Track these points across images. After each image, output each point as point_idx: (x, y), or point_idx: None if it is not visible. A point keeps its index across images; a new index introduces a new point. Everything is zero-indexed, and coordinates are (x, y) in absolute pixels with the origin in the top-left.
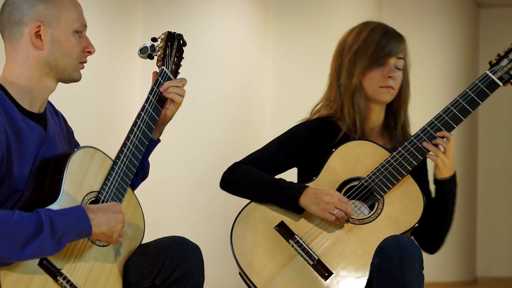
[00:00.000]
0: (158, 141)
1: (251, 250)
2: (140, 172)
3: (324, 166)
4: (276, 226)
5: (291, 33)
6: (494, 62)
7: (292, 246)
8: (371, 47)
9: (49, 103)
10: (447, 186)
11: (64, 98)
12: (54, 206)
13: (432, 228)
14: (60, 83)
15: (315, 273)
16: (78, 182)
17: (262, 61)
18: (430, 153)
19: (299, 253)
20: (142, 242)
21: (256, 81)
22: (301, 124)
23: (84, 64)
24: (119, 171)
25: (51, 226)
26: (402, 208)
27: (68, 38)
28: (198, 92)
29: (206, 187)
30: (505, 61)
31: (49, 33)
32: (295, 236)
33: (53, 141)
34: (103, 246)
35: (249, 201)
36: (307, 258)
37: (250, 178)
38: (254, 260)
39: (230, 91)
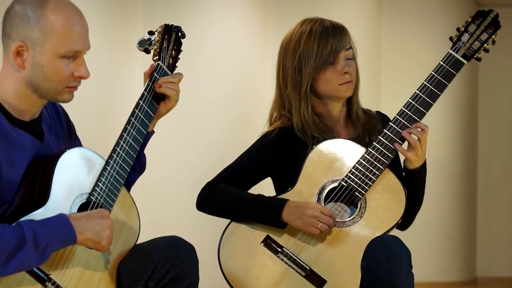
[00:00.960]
0: (152, 132)
1: (241, 270)
2: (137, 166)
3: (300, 174)
4: (262, 242)
5: None
6: (455, 39)
7: (282, 259)
8: (314, 51)
9: (47, 105)
10: (417, 175)
11: None
12: (43, 210)
13: (409, 211)
14: None
15: (309, 283)
16: (68, 184)
17: (262, 61)
18: (403, 147)
19: (289, 265)
20: (138, 242)
21: (256, 81)
22: (265, 135)
23: (76, 87)
24: (111, 171)
25: (34, 238)
26: (385, 204)
27: (52, 63)
28: (198, 92)
29: None
30: (465, 36)
31: (31, 55)
32: (284, 249)
33: (49, 146)
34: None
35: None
36: (299, 270)
37: (227, 197)
38: (246, 279)
39: (230, 91)
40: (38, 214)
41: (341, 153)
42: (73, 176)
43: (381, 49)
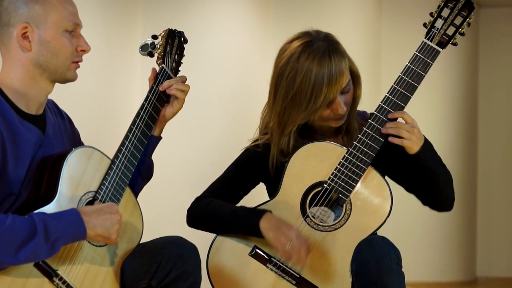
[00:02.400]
0: (160, 138)
1: (232, 283)
2: (142, 171)
3: (282, 181)
4: (250, 253)
5: (291, 33)
6: (429, 26)
7: (271, 269)
8: (307, 97)
9: (54, 104)
10: (423, 155)
11: (64, 98)
12: (51, 207)
13: (434, 193)
14: (59, 84)
15: None
16: (75, 182)
17: (262, 61)
18: (393, 137)
19: (279, 275)
20: (140, 242)
21: (256, 81)
22: (252, 146)
23: (80, 63)
24: (117, 171)
25: (45, 230)
26: (370, 204)
27: (57, 38)
28: (198, 92)
29: (206, 187)
30: (439, 22)
31: (37, 33)
32: (272, 258)
33: (52, 143)
34: (100, 246)
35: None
36: (289, 279)
37: (211, 211)
38: None
39: (230, 91)
40: (46, 210)
41: (322, 156)
42: (80, 174)
43: (381, 49)
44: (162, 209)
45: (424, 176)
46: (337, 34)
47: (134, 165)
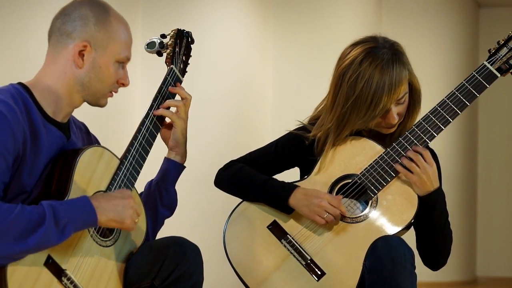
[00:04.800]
0: (183, 166)
1: (244, 249)
2: (165, 198)
3: (317, 164)
4: (269, 225)
5: (291, 33)
6: (493, 51)
7: (285, 246)
8: (367, 104)
9: (84, 126)
10: (428, 204)
11: None
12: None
13: (431, 245)
14: None
15: (308, 273)
16: (85, 181)
17: (262, 61)
18: (403, 171)
19: (291, 253)
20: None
21: (256, 81)
22: (299, 132)
23: (114, 93)
24: (125, 171)
25: (54, 215)
26: (396, 206)
27: (109, 67)
28: (198, 92)
29: (206, 187)
30: (504, 50)
31: (92, 56)
32: (288, 235)
33: (73, 147)
34: (106, 246)
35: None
36: (300, 258)
37: (241, 176)
38: (247, 260)
39: (230, 91)
40: None
41: (359, 150)
42: (90, 173)
43: None
44: None
45: (424, 222)
46: (337, 35)
47: (142, 166)
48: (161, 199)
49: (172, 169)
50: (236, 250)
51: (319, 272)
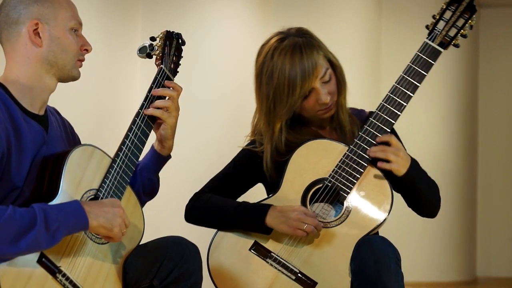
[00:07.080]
0: (168, 157)
1: (232, 278)
2: (147, 187)
3: (283, 177)
4: (251, 248)
5: None
6: (431, 27)
7: (271, 265)
8: (285, 93)
9: (56, 111)
10: (410, 177)
11: (64, 98)
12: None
13: (420, 204)
14: (59, 84)
15: (300, 286)
16: (76, 180)
17: None
18: (380, 162)
19: (279, 270)
20: (141, 242)
21: None
22: (250, 146)
23: (82, 62)
24: (118, 169)
25: (45, 219)
26: (371, 201)
27: (65, 35)
28: (198, 92)
29: None
30: (441, 24)
31: (47, 30)
32: (272, 253)
33: (54, 143)
34: (102, 243)
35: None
36: (289, 274)
37: (212, 207)
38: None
39: (230, 91)
40: None
41: (323, 153)
42: (81, 172)
43: (381, 49)
44: (162, 209)
45: (411, 193)
46: (337, 34)
47: (135, 164)
48: (143, 187)
49: (158, 161)
50: (224, 280)
51: (310, 283)
